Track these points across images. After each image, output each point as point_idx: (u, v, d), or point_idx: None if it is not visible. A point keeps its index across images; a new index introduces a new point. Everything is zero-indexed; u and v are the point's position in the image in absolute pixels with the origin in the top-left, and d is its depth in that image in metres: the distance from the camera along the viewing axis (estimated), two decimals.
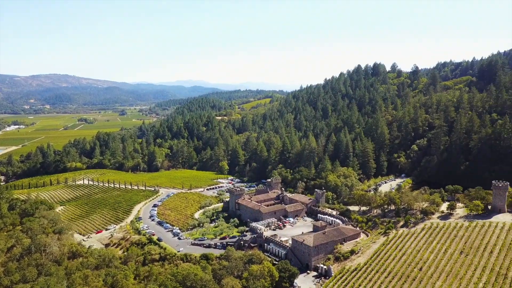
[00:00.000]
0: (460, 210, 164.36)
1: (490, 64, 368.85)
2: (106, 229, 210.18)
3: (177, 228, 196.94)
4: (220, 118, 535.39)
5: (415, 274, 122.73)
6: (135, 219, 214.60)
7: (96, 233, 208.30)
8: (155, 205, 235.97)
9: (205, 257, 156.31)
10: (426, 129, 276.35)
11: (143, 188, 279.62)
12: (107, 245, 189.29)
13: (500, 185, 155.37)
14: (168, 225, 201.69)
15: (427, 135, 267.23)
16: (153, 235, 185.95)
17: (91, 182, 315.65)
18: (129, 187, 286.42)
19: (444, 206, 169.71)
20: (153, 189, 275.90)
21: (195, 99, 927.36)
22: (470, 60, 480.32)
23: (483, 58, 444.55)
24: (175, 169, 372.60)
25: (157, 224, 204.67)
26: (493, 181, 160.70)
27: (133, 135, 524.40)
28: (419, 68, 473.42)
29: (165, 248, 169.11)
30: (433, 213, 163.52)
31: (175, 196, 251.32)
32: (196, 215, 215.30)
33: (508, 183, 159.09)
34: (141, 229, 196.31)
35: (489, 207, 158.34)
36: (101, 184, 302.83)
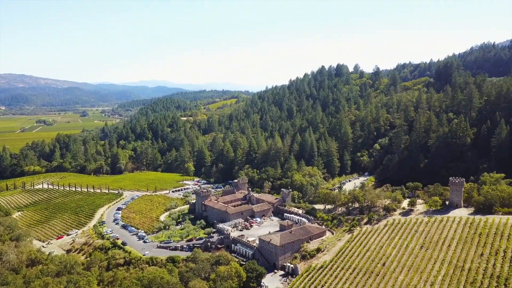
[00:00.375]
0: (420, 206, 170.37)
1: (446, 65, 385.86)
2: (68, 235, 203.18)
3: (142, 231, 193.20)
4: (185, 118, 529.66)
5: (378, 269, 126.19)
6: (98, 223, 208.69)
7: (57, 239, 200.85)
8: (119, 209, 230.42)
9: (172, 260, 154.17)
10: (387, 129, 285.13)
11: (107, 191, 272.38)
12: (68, 251, 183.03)
13: (457, 181, 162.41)
14: (133, 228, 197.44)
15: (388, 134, 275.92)
16: (118, 239, 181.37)
17: (50, 186, 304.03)
18: (92, 190, 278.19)
19: (405, 203, 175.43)
20: (116, 192, 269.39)
21: (159, 100, 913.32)
22: (428, 62, 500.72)
23: (440, 60, 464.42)
24: (139, 171, 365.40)
25: (121, 228, 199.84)
26: (450, 178, 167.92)
27: (95, 137, 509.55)
28: (380, 69, 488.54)
29: (130, 252, 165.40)
30: (395, 210, 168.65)
31: (139, 199, 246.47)
32: (162, 218, 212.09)
33: (464, 179, 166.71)
34: (105, 233, 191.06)
35: (447, 202, 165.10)
36: (62, 188, 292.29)
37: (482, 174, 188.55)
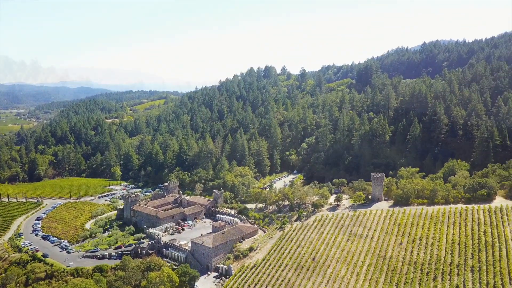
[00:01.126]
0: (346, 201, 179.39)
1: (366, 68, 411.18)
2: None
3: (66, 241, 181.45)
4: (110, 121, 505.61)
5: (309, 264, 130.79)
6: (15, 235, 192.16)
7: None
8: (38, 218, 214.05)
9: (99, 269, 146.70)
10: (314, 128, 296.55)
11: (24, 200, 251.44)
12: None
13: (378, 176, 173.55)
14: (55, 238, 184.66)
15: (315, 134, 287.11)
16: (37, 251, 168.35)
17: None
18: (6, 200, 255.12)
19: (332, 199, 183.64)
20: (35, 200, 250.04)
21: (82, 101, 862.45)
22: (350, 64, 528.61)
23: (360, 62, 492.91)
24: (61, 177, 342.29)
25: (41, 239, 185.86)
26: (372, 174, 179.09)
27: (10, 142, 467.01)
28: (306, 71, 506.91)
29: (52, 265, 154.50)
30: (322, 206, 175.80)
31: (62, 207, 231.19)
32: (87, 226, 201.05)
33: (384, 174, 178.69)
34: (23, 246, 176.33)
35: (370, 197, 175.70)
36: None
37: (399, 169, 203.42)
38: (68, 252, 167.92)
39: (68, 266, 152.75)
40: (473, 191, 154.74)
